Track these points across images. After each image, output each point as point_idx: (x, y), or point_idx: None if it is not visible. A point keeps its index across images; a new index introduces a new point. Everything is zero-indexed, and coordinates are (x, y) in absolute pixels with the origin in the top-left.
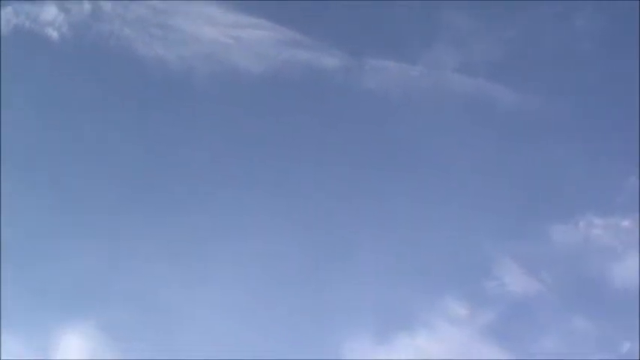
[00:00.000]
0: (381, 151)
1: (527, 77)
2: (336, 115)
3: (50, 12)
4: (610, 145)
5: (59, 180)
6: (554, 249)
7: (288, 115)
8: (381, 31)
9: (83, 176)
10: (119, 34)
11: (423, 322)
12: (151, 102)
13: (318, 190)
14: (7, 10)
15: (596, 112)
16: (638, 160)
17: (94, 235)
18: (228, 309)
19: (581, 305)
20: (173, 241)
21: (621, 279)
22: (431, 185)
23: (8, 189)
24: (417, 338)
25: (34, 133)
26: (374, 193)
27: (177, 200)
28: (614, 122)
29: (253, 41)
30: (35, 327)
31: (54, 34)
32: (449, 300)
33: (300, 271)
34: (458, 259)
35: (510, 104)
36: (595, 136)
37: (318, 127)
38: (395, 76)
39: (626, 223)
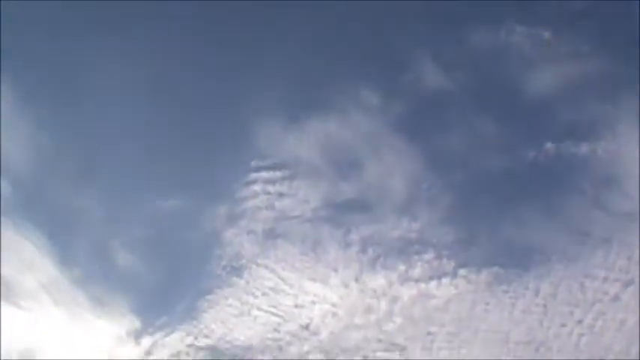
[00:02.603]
0: None
1: None
2: None
3: None
4: None
5: None
6: (473, 51)
7: None
8: None
9: None
10: None
11: (335, 109)
12: None
13: None
14: None
15: None
16: None
17: None
18: (145, 96)
19: (491, 109)
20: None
21: (533, 89)
22: None
23: None
24: (329, 123)
25: None
26: None
27: None
28: None
29: None
30: None
31: None
32: (363, 89)
33: (213, 54)
34: (376, 50)
35: None
36: None
37: None
38: None
39: (546, 34)
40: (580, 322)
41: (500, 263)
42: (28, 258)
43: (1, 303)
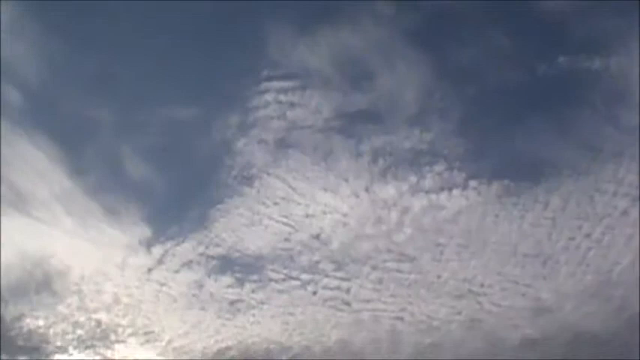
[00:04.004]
0: None
1: None
2: None
3: None
4: None
5: None
6: None
7: None
8: None
9: None
10: None
11: (348, 18)
12: None
13: None
14: None
15: None
16: None
17: None
18: (157, 4)
19: (505, 22)
20: None
21: (547, 2)
22: None
23: None
24: (341, 33)
25: None
26: None
27: None
28: None
29: None
30: None
31: None
32: None
33: None
34: None
35: None
36: None
37: None
38: None
39: None
40: (588, 235)
41: (511, 176)
42: (41, 168)
43: (15, 213)
